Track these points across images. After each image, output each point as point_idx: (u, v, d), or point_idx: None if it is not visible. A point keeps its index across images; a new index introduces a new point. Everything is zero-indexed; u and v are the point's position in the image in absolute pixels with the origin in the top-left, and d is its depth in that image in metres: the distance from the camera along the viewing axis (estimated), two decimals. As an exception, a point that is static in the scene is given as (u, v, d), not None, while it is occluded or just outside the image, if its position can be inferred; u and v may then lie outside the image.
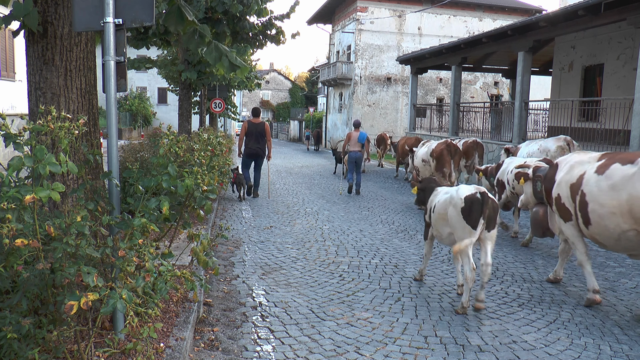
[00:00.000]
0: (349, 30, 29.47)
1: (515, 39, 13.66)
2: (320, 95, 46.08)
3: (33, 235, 2.59)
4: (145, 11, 3.31)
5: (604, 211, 4.51)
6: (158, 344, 3.42)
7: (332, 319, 4.52)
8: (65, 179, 3.71)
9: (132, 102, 35.10)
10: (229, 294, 5.12)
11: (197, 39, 4.31)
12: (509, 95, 25.97)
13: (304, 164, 21.41)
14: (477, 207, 4.53)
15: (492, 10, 29.88)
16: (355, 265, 6.25)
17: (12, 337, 2.40)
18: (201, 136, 6.29)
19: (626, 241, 4.49)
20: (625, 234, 4.42)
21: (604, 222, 4.52)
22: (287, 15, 10.46)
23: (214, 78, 13.24)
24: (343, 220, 9.13)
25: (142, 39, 10.17)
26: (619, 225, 4.41)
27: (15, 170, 2.53)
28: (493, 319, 4.61)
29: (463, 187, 4.80)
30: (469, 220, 4.56)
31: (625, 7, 10.05)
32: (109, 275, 3.04)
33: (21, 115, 3.46)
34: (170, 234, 4.58)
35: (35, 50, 3.69)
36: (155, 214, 3.53)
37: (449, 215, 4.77)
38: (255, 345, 3.97)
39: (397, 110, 29.64)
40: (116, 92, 3.29)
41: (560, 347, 4.04)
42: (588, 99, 13.49)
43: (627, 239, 4.45)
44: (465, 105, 18.81)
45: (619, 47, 14.18)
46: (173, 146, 4.25)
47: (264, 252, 6.78)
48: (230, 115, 25.34)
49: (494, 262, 6.40)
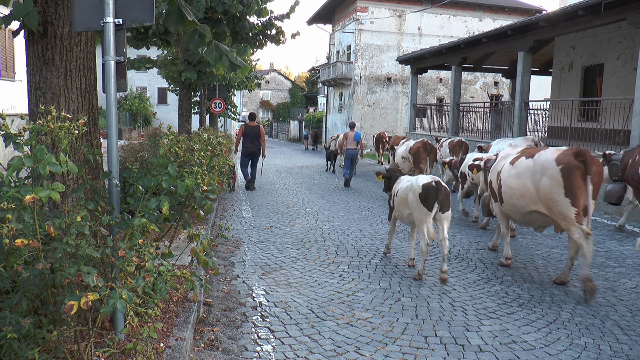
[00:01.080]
0: (349, 30, 29.48)
1: (515, 39, 13.67)
2: (320, 95, 46.09)
3: (33, 235, 2.59)
4: (145, 11, 3.31)
5: (512, 193, 5.87)
6: (158, 344, 3.42)
7: (332, 319, 4.52)
8: (65, 179, 3.71)
9: (132, 102, 35.09)
10: (229, 294, 5.12)
11: (197, 38, 4.31)
12: (509, 95, 25.98)
13: (304, 164, 21.41)
14: (432, 193, 5.45)
15: (492, 10, 29.88)
16: (355, 265, 6.25)
17: (12, 337, 2.40)
18: (201, 136, 6.29)
19: (529, 217, 5.83)
20: (530, 213, 5.73)
21: (512, 201, 5.90)
22: (287, 15, 10.46)
23: (214, 78, 13.23)
24: (343, 220, 9.13)
25: (142, 39, 10.17)
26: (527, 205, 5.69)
27: (15, 170, 2.53)
28: (493, 319, 4.61)
29: (421, 177, 5.73)
30: (425, 204, 5.48)
31: (625, 7, 10.05)
32: (109, 275, 3.04)
33: (21, 115, 3.45)
34: (170, 234, 4.58)
35: (35, 50, 3.69)
36: (155, 214, 3.53)
37: (409, 199, 5.69)
38: (255, 345, 3.97)
39: (397, 110, 29.65)
40: (116, 92, 3.29)
41: (560, 347, 4.04)
42: (588, 99, 13.49)
43: (530, 216, 5.80)
44: (465, 105, 18.82)
45: (619, 47, 14.18)
46: (173, 146, 4.25)
47: (264, 252, 6.78)
48: (230, 115, 25.32)
49: (494, 262, 6.44)
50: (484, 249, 7.10)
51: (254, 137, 12.48)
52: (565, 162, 5.34)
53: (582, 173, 5.25)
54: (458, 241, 7.61)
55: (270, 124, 59.63)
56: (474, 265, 6.35)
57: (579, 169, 5.26)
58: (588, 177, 5.25)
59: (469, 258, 6.66)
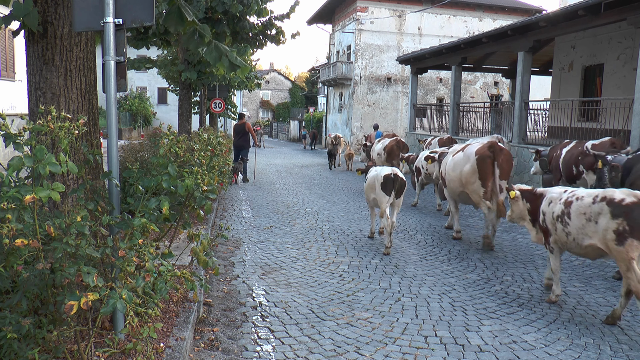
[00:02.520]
0: (349, 30, 29.47)
1: (515, 39, 13.66)
2: (320, 95, 46.06)
3: (33, 235, 2.59)
4: (145, 11, 3.31)
5: (450, 178, 7.62)
6: (158, 344, 3.42)
7: (332, 319, 4.52)
8: (65, 179, 3.71)
9: (132, 102, 35.07)
10: (229, 294, 5.12)
11: (197, 38, 4.31)
12: (509, 95, 25.98)
13: (304, 164, 21.41)
14: (390, 182, 6.85)
15: (492, 10, 29.86)
16: (355, 265, 6.25)
17: (12, 337, 2.40)
18: (201, 136, 6.29)
19: (461, 196, 7.51)
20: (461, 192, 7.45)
21: (451, 185, 7.63)
22: (287, 15, 10.45)
23: (214, 78, 13.24)
24: (343, 220, 9.13)
25: (142, 39, 10.16)
26: (458, 187, 7.41)
27: (15, 170, 2.53)
28: (493, 319, 4.61)
29: (384, 169, 7.12)
30: (384, 190, 6.86)
31: (625, 7, 10.04)
32: (109, 275, 3.04)
33: (21, 115, 3.45)
34: (170, 234, 4.58)
35: (35, 50, 3.69)
36: (155, 214, 3.53)
37: (375, 186, 6.99)
38: (255, 345, 3.97)
39: (397, 110, 29.64)
40: (116, 92, 3.29)
41: (560, 347, 4.04)
42: (588, 99, 13.48)
43: (462, 195, 7.51)
44: (465, 105, 18.81)
45: (619, 47, 14.18)
46: (173, 146, 4.25)
47: (264, 252, 6.78)
48: (230, 115, 25.29)
49: (495, 262, 6.45)
50: (483, 249, 7.10)
51: (241, 132, 14.33)
52: (480, 153, 6.98)
53: (492, 161, 6.91)
54: (458, 241, 7.61)
55: (270, 124, 59.55)
56: (474, 265, 6.35)
57: (490, 157, 6.90)
58: (496, 164, 6.91)
59: (469, 258, 6.66)
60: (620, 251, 4.23)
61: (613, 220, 4.25)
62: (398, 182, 6.86)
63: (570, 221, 4.66)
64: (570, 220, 4.65)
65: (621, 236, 4.21)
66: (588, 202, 4.50)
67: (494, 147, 6.85)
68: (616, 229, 4.23)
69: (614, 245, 4.27)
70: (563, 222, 4.75)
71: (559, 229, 4.82)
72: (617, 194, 4.36)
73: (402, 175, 7.01)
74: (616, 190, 4.45)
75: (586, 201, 4.53)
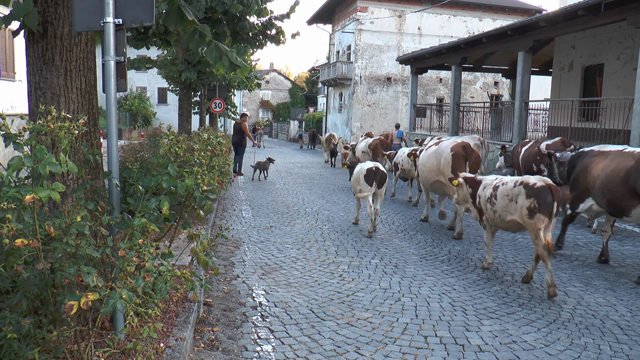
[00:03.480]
0: (349, 30, 29.46)
1: (515, 39, 13.67)
2: (320, 95, 46.06)
3: (33, 235, 2.59)
4: (145, 11, 3.31)
5: (423, 169, 8.76)
6: (158, 344, 3.42)
7: (332, 319, 4.52)
8: (65, 179, 3.71)
9: (132, 102, 35.07)
10: (229, 294, 5.12)
11: (197, 38, 4.31)
12: (509, 95, 25.97)
13: (304, 164, 21.41)
14: (372, 174, 7.84)
15: (492, 10, 29.85)
16: (355, 265, 6.25)
17: (12, 337, 2.40)
18: (201, 136, 6.29)
19: (434, 185, 8.58)
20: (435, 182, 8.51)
21: (423, 175, 8.78)
22: (287, 15, 10.45)
23: (214, 78, 13.23)
24: (343, 220, 9.13)
25: (142, 39, 10.16)
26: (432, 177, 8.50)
27: (15, 170, 2.53)
28: (493, 319, 4.61)
29: (368, 163, 8.16)
30: (367, 181, 7.87)
31: (625, 7, 10.05)
32: (109, 275, 3.04)
33: (21, 115, 3.45)
34: (170, 234, 4.58)
35: (35, 50, 3.69)
36: (155, 214, 3.53)
37: (360, 179, 7.95)
38: (255, 345, 3.97)
39: (397, 110, 29.63)
40: (116, 92, 3.29)
41: (560, 347, 4.04)
42: (588, 99, 13.48)
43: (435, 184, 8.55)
44: (465, 105, 18.81)
45: (619, 47, 14.18)
46: (173, 146, 4.25)
47: (264, 252, 6.78)
48: (230, 115, 25.29)
49: (495, 262, 6.45)
50: (484, 249, 7.10)
51: (237, 132, 15.96)
52: (455, 150, 8.10)
53: (464, 159, 8.05)
54: (458, 241, 7.61)
55: (270, 124, 59.49)
56: (474, 265, 6.35)
57: (462, 155, 8.05)
58: (467, 162, 8.04)
59: (469, 258, 6.66)
60: (531, 223, 5.30)
61: (527, 200, 5.30)
62: (379, 174, 7.87)
63: (496, 201, 5.72)
64: (497, 200, 5.71)
65: (532, 212, 5.26)
66: (510, 186, 5.57)
67: (467, 147, 8.13)
68: (529, 206, 5.28)
69: (527, 218, 5.32)
70: (492, 203, 5.81)
71: (489, 209, 5.88)
72: (532, 180, 5.40)
73: (383, 169, 7.98)
74: (532, 177, 5.46)
75: (509, 185, 5.60)
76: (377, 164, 8.04)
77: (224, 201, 10.90)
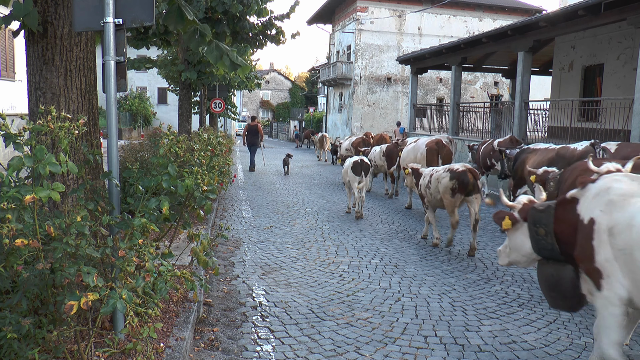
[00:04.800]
0: (349, 30, 29.46)
1: (515, 39, 13.66)
2: (320, 95, 46.05)
3: (33, 235, 2.59)
4: (145, 11, 3.31)
5: (403, 163, 10.08)
6: (158, 344, 3.42)
7: (332, 319, 4.52)
8: (65, 179, 3.71)
9: (132, 102, 35.05)
10: (229, 294, 5.12)
11: (197, 38, 4.31)
12: (509, 95, 25.97)
13: (304, 164, 21.42)
14: (358, 166, 9.10)
15: (492, 10, 29.86)
16: (355, 265, 6.25)
17: (12, 337, 2.40)
18: (201, 136, 6.29)
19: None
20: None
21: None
22: (287, 15, 10.44)
23: (214, 78, 13.22)
24: (343, 220, 9.13)
25: (142, 39, 10.16)
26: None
27: (15, 170, 2.53)
28: (493, 319, 4.61)
29: (354, 158, 9.38)
30: (354, 173, 9.07)
31: (625, 7, 10.04)
32: (109, 275, 3.04)
33: (21, 115, 3.45)
34: (170, 234, 4.58)
35: (35, 50, 3.68)
36: (155, 214, 3.53)
37: (348, 171, 9.17)
38: (255, 345, 3.97)
39: (397, 110, 29.63)
40: (116, 92, 3.28)
41: (560, 347, 4.04)
42: (588, 99, 13.47)
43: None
44: (465, 105, 18.80)
45: (619, 47, 14.17)
46: (173, 146, 4.25)
47: (264, 252, 6.78)
48: (230, 115, 25.30)
49: (495, 262, 6.45)
50: (484, 249, 7.11)
51: (253, 132, 18.26)
52: (429, 146, 10.07)
53: (437, 153, 9.88)
54: (458, 241, 7.61)
55: (270, 124, 59.48)
56: (474, 265, 6.35)
57: (436, 150, 9.91)
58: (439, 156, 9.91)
59: (469, 258, 6.66)
60: (451, 201, 6.72)
61: (450, 182, 6.66)
62: (363, 167, 9.16)
63: (431, 185, 7.05)
64: (431, 184, 7.04)
65: (453, 191, 6.67)
66: (441, 173, 6.93)
67: (439, 143, 9.95)
68: (451, 187, 6.65)
69: (449, 197, 6.70)
70: (428, 187, 7.13)
71: (427, 193, 7.18)
72: (456, 165, 6.79)
73: (367, 160, 9.30)
74: (457, 164, 6.84)
75: (440, 172, 6.97)
76: (362, 157, 9.39)
77: (224, 201, 10.90)
